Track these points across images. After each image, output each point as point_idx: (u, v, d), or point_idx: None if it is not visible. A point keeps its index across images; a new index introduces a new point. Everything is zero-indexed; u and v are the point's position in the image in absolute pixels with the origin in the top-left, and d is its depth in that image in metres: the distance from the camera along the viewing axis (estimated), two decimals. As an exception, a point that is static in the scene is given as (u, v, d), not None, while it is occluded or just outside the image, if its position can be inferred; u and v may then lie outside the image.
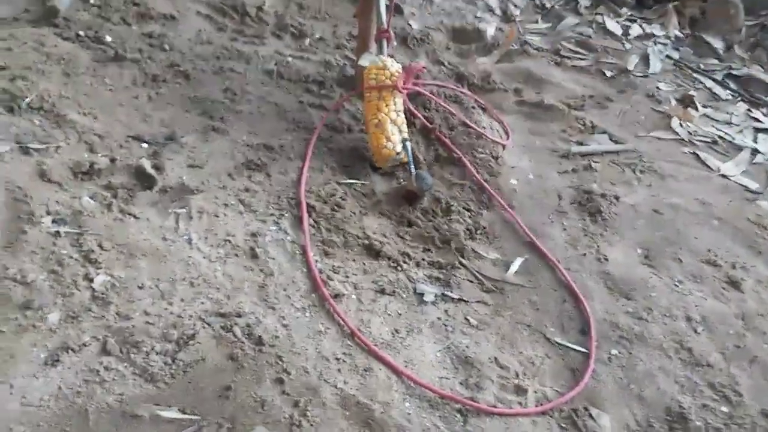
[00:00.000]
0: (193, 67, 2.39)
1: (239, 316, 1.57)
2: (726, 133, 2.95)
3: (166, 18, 2.66)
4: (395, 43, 2.48)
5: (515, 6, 3.64)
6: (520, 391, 1.60)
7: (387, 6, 2.29)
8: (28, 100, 1.98)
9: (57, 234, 1.62)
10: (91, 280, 1.55)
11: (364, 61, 2.41)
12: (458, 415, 1.50)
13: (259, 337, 1.53)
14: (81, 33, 2.39)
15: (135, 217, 1.75)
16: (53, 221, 1.65)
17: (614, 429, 1.57)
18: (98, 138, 1.95)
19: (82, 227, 1.66)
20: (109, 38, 2.41)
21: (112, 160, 1.88)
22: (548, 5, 3.71)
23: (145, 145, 1.99)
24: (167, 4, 2.76)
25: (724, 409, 1.69)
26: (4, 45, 2.23)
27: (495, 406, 1.53)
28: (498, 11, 3.55)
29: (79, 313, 1.48)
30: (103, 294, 1.53)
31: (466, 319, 1.77)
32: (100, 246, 1.63)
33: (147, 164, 1.89)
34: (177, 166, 1.95)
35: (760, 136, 3.00)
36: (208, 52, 2.52)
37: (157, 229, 1.74)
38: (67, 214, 1.68)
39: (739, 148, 2.88)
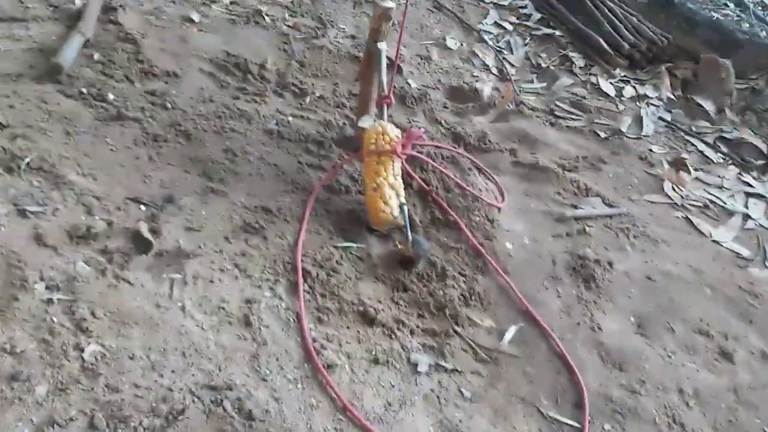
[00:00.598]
0: (195, 127, 2.42)
1: (230, 389, 1.56)
2: (717, 198, 2.99)
3: (168, 75, 2.70)
4: (394, 103, 2.52)
5: (511, 65, 3.72)
6: (512, 469, 1.59)
7: (388, 71, 2.34)
8: (27, 160, 2.00)
9: (50, 301, 1.62)
10: (82, 350, 1.54)
11: (364, 123, 2.45)
12: (450, 497, 1.48)
13: (250, 411, 1.52)
14: (84, 90, 2.42)
15: (129, 283, 1.75)
16: (46, 287, 1.65)
17: None
18: (96, 200, 1.96)
19: (75, 293, 1.66)
20: (111, 96, 2.44)
21: (109, 224, 1.89)
22: (543, 65, 3.78)
23: (143, 208, 2.00)
24: (170, 61, 2.80)
25: (719, 489, 1.68)
26: (7, 102, 2.25)
27: (487, 487, 1.52)
28: (494, 70, 3.62)
29: (67, 385, 1.46)
30: (92, 365, 1.52)
31: (459, 391, 1.76)
32: (93, 314, 1.62)
33: (144, 228, 1.89)
34: (174, 229, 1.96)
35: (751, 200, 3.04)
36: (209, 111, 2.55)
37: (151, 295, 1.74)
38: (61, 280, 1.68)
39: (731, 213, 2.91)
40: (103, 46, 2.75)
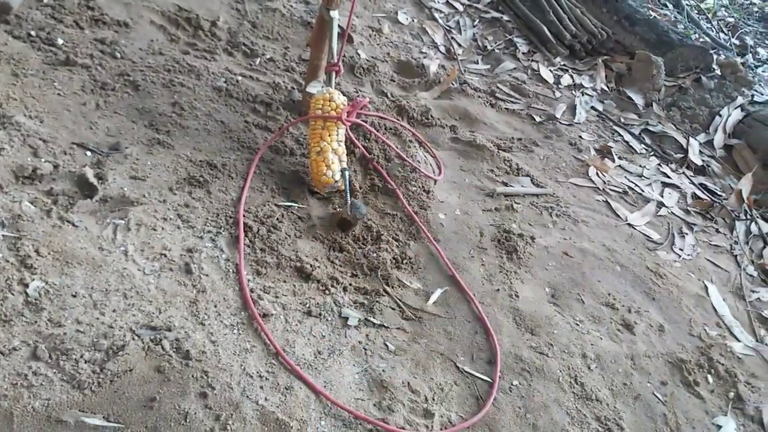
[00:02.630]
0: (143, 78, 2.44)
1: (169, 330, 1.65)
2: (636, 185, 3.23)
3: (119, 24, 2.70)
4: (342, 71, 2.61)
5: (459, 45, 3.85)
6: (427, 414, 1.74)
7: (339, 40, 2.42)
8: (-28, 97, 1.99)
9: (-6, 237, 1.66)
10: (26, 286, 1.59)
11: (312, 89, 2.53)
12: (369, 435, 1.63)
13: (187, 351, 1.61)
14: (33, 33, 2.40)
15: (74, 225, 1.80)
16: (-9, 224, 1.68)
17: (508, 454, 1.73)
18: (43, 143, 1.98)
19: (20, 231, 1.70)
20: (60, 41, 2.43)
21: (55, 167, 1.92)
22: (489, 48, 3.93)
23: (89, 154, 2.03)
24: (121, 10, 2.79)
25: (607, 440, 1.89)
26: (-50, 38, 2.22)
27: (404, 428, 1.67)
28: (442, 49, 3.74)
29: (11, 318, 1.52)
30: (36, 300, 1.58)
31: (385, 344, 1.91)
32: (37, 252, 1.67)
33: (90, 173, 1.93)
34: (119, 177, 2.01)
35: (667, 190, 3.30)
36: (158, 63, 2.57)
37: (94, 238, 1.80)
38: (6, 218, 1.71)
39: (647, 200, 3.15)
40: (53, -12, 2.71)
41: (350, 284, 2.06)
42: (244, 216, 2.08)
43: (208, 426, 1.47)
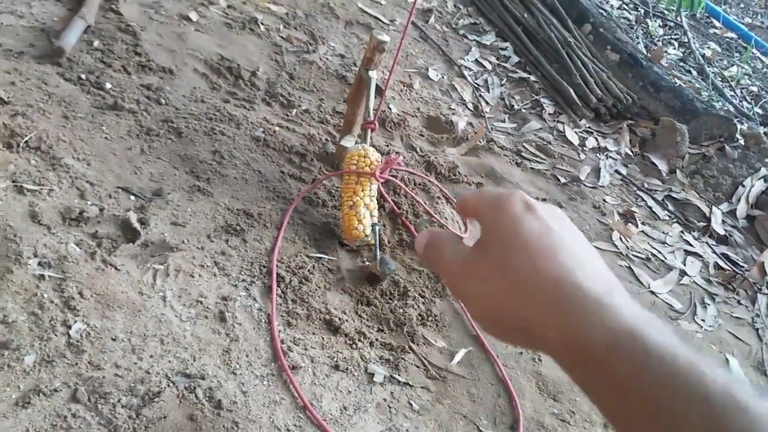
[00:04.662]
0: (186, 125, 2.54)
1: (203, 378, 1.69)
2: (659, 252, 3.25)
3: (164, 71, 2.81)
4: (377, 128, 2.68)
5: (486, 103, 3.94)
6: (450, 478, 1.75)
7: (376, 99, 2.51)
8: (27, 138, 2.08)
9: (41, 277, 1.72)
10: (69, 327, 1.64)
11: (347, 143, 2.61)
12: (392, 496, 1.64)
13: (219, 400, 1.65)
14: (83, 76, 2.51)
15: (116, 268, 1.86)
16: (39, 264, 1.74)
17: None
18: (90, 185, 2.06)
19: (65, 273, 1.76)
20: (109, 85, 2.54)
21: (101, 210, 1.99)
22: (516, 107, 4.02)
23: (133, 198, 2.11)
24: (167, 57, 2.91)
25: None
26: (8, 79, 2.33)
27: (426, 491, 1.68)
28: (470, 106, 3.83)
29: (53, 358, 1.57)
30: (78, 342, 1.62)
31: (409, 403, 1.93)
32: (81, 294, 1.73)
33: (133, 217, 2.00)
34: (161, 222, 2.07)
35: (689, 258, 3.32)
36: (201, 111, 2.67)
37: (135, 282, 1.85)
38: (52, 258, 1.78)
39: (669, 268, 3.17)
40: (103, 34, 2.84)
41: (377, 339, 2.09)
42: (277, 266, 2.13)
43: (237, 479, 1.50)
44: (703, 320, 2.89)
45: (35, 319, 1.62)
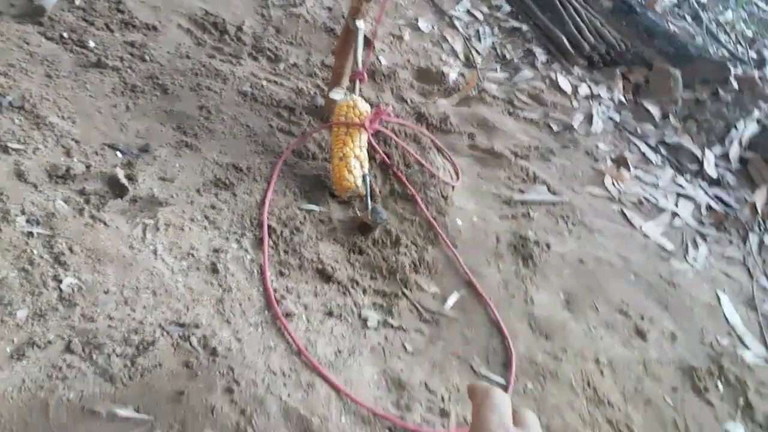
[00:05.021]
0: (171, 81, 2.51)
1: (197, 327, 1.71)
2: (651, 195, 3.25)
3: (148, 28, 2.77)
4: (366, 79, 2.66)
5: (478, 53, 3.89)
6: (444, 414, 1.79)
7: (364, 49, 2.48)
8: (9, 98, 2.07)
9: (30, 234, 1.72)
10: (60, 281, 1.65)
11: (336, 95, 2.59)
12: (387, 433, 1.68)
13: (214, 348, 1.67)
14: (65, 35, 2.48)
15: (105, 223, 1.86)
16: (27, 221, 1.75)
17: (522, 456, 1.77)
18: (75, 143, 2.05)
19: (54, 229, 1.76)
20: (92, 43, 2.50)
21: (88, 167, 1.99)
22: (508, 56, 3.97)
23: (119, 155, 2.10)
24: (150, 13, 2.87)
25: (619, 446, 1.93)
26: (-12, 39, 2.30)
27: (420, 426, 1.72)
28: (461, 56, 3.79)
29: (46, 312, 1.58)
30: (69, 296, 1.64)
31: (403, 345, 1.95)
32: (70, 249, 1.74)
33: (120, 173, 2.00)
34: (149, 178, 2.07)
35: (681, 201, 3.32)
36: (186, 67, 2.64)
37: (125, 237, 1.86)
38: (40, 215, 1.78)
39: (661, 210, 3.18)
40: (84, -8, 2.79)
41: (370, 286, 2.10)
42: (267, 218, 2.14)
43: (233, 420, 1.53)
44: (694, 260, 2.91)
45: (26, 275, 1.63)
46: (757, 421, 2.26)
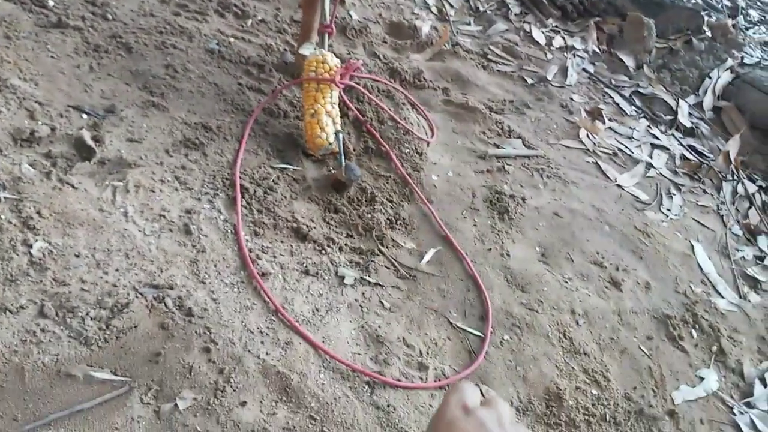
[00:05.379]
0: (135, 40, 2.44)
1: (171, 288, 1.69)
2: (626, 147, 3.27)
3: (108, -15, 2.67)
4: (335, 33, 2.60)
5: (450, 6, 3.83)
6: (422, 367, 1.81)
7: (331, 2, 2.42)
8: (-34, 60, 1.99)
9: (-4, 199, 1.68)
10: (30, 246, 1.62)
11: (305, 50, 2.53)
12: (367, 387, 1.69)
13: (189, 308, 1.66)
14: (22, -6, 2.39)
15: (73, 186, 1.82)
16: (-8, 186, 1.71)
17: (499, 404, 1.81)
18: (39, 105, 1.99)
19: (21, 194, 1.72)
20: (51, 2, 2.41)
21: (53, 129, 1.94)
22: (481, 8, 3.92)
23: (85, 116, 2.04)
24: (110, -30, 2.76)
25: (594, 391, 1.98)
26: (-60, -1, 2.20)
27: (399, 380, 1.74)
28: (434, 9, 3.72)
29: (17, 277, 1.56)
30: (40, 260, 1.61)
31: (380, 301, 1.96)
32: (39, 213, 1.70)
33: (87, 135, 1.95)
34: (116, 139, 2.02)
35: (656, 151, 3.35)
36: (150, 25, 2.56)
37: (94, 199, 1.82)
38: (6, 180, 1.74)
39: (636, 162, 3.20)
40: (39, -52, 2.67)
41: (346, 244, 2.10)
42: (240, 178, 2.11)
43: (212, 379, 1.53)
44: (669, 210, 2.95)
45: (-6, 241, 1.60)
46: (729, 366, 2.33)
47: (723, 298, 2.60)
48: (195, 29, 2.66)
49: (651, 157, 3.29)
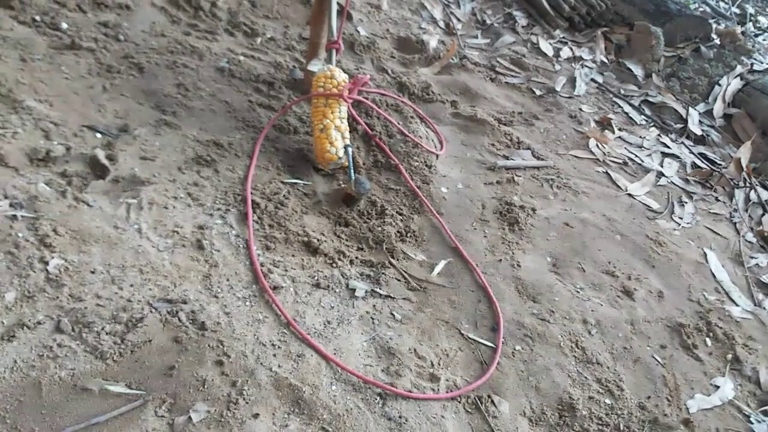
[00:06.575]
0: (147, 60, 2.49)
1: (185, 302, 1.72)
2: (636, 156, 3.27)
3: (120, 7, 2.73)
4: (343, 49, 2.64)
5: (458, 20, 3.86)
6: (433, 378, 1.82)
7: (338, 17, 2.45)
8: (-15, 83, 2.04)
9: (14, 217, 1.72)
10: (46, 263, 1.66)
11: (313, 67, 2.57)
12: (378, 398, 1.70)
13: (203, 322, 1.68)
14: (37, 18, 2.44)
15: (88, 204, 1.86)
16: (10, 205, 1.74)
17: (512, 415, 1.81)
18: (54, 126, 2.03)
19: (37, 212, 1.76)
20: (65, 25, 2.47)
21: (68, 149, 1.98)
22: (488, 22, 3.95)
23: (99, 135, 2.09)
24: (123, -8, 2.82)
25: (608, 401, 1.97)
26: (-42, 24, 2.26)
27: (411, 391, 1.75)
28: (441, 24, 3.76)
29: (34, 293, 1.59)
30: (57, 276, 1.64)
31: (391, 313, 1.97)
32: (55, 231, 1.74)
33: (101, 154, 1.99)
34: (129, 158, 2.06)
35: (666, 160, 3.34)
36: (161, 45, 2.61)
37: (108, 217, 1.86)
38: (23, 199, 1.78)
39: (647, 170, 3.20)
40: (54, -27, 2.74)
41: (356, 257, 2.12)
42: (251, 193, 2.14)
43: (225, 391, 1.55)
44: (680, 218, 2.94)
45: (12, 258, 1.63)
46: (745, 374, 2.31)
47: (737, 305, 2.58)
48: (205, 48, 2.71)
49: (662, 166, 3.28)
